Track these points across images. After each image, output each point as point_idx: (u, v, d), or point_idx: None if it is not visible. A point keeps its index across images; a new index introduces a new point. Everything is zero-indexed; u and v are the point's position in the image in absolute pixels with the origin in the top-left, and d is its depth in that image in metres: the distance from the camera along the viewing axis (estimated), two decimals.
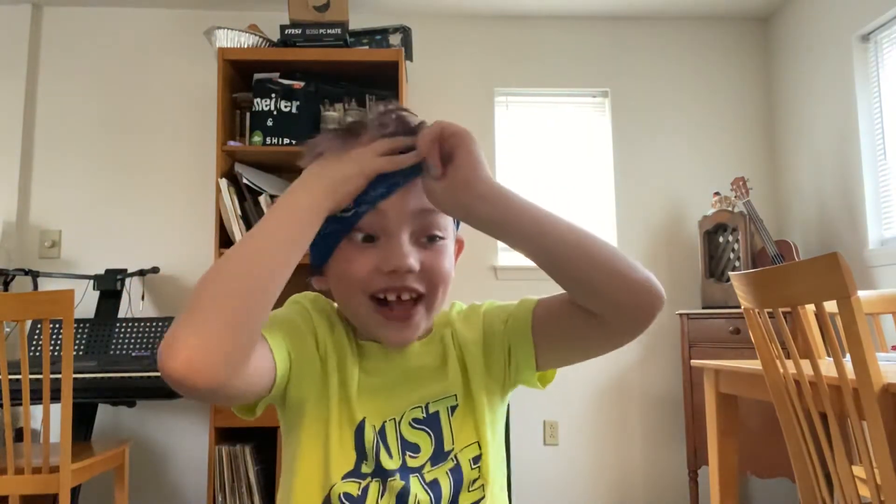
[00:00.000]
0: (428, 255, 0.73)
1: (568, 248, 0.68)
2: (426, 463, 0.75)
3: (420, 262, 0.72)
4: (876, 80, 2.78)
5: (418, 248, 0.73)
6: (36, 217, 3.10)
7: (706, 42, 3.40)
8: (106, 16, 3.23)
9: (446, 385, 0.78)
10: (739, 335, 2.76)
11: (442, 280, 0.74)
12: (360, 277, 0.72)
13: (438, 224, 0.74)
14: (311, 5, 2.87)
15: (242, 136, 2.92)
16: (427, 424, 0.76)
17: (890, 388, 1.22)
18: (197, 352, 0.58)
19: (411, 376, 0.78)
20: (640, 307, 0.72)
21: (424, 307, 0.74)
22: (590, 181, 3.34)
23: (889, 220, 2.71)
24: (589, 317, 0.71)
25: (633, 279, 0.70)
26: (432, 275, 0.73)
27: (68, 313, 1.89)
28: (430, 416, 0.76)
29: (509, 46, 3.34)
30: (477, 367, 0.79)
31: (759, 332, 1.56)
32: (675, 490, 3.12)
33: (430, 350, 0.80)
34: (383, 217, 0.72)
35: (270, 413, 0.82)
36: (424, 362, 0.79)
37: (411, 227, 0.72)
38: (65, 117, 3.16)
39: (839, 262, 1.24)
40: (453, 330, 0.81)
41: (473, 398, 0.77)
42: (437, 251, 0.74)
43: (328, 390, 0.75)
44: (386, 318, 0.73)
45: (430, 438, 0.76)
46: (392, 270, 0.71)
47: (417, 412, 0.76)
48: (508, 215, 0.70)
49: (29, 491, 1.92)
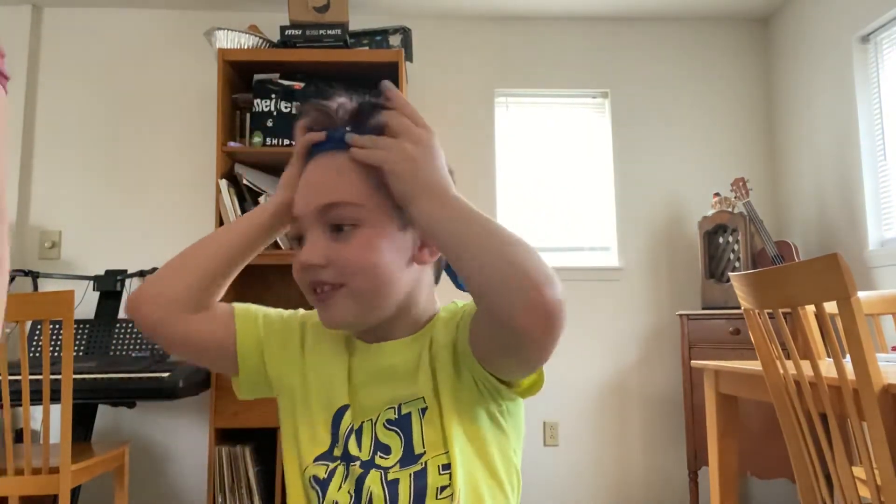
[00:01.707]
0: (336, 247, 0.74)
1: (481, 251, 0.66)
2: (395, 465, 0.75)
3: (327, 255, 0.73)
4: (876, 81, 2.78)
5: (331, 241, 0.74)
6: (36, 217, 3.10)
7: (706, 42, 3.40)
8: (106, 16, 3.23)
9: (416, 388, 0.77)
10: (739, 336, 2.76)
11: (353, 268, 0.73)
12: (295, 277, 0.77)
13: (344, 215, 0.73)
14: (311, 6, 2.87)
15: (242, 136, 2.92)
16: (398, 426, 0.76)
17: (890, 388, 1.22)
18: (143, 291, 0.80)
19: (384, 375, 0.79)
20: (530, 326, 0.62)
21: (350, 293, 0.74)
22: (590, 182, 3.34)
23: (889, 221, 2.71)
24: (487, 325, 0.68)
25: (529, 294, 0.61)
26: (341, 265, 0.73)
27: (68, 314, 1.89)
28: (401, 418, 0.76)
29: (509, 47, 3.34)
30: (445, 372, 0.76)
31: (759, 332, 1.56)
32: (676, 491, 3.12)
33: (407, 349, 0.79)
34: (298, 220, 0.77)
35: (270, 413, 0.84)
36: (396, 361, 0.78)
37: (320, 222, 0.75)
38: (65, 118, 3.16)
39: (839, 262, 1.24)
40: (434, 331, 0.80)
41: (440, 404, 0.75)
42: (345, 240, 0.73)
43: (306, 376, 0.82)
44: (314, 301, 0.77)
45: (400, 440, 0.75)
46: (300, 267, 0.74)
47: (391, 413, 0.77)
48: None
49: (29, 492, 1.92)
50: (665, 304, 3.24)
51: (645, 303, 3.24)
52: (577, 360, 3.16)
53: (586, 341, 3.18)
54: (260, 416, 2.54)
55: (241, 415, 2.55)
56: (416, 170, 0.70)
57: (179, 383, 2.34)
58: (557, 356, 0.89)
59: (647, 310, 3.24)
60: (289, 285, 3.07)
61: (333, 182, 0.74)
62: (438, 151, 0.72)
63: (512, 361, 0.69)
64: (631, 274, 3.25)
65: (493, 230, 0.66)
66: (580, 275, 3.21)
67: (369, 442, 0.76)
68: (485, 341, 0.70)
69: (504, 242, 0.64)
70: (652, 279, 3.26)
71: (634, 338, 3.22)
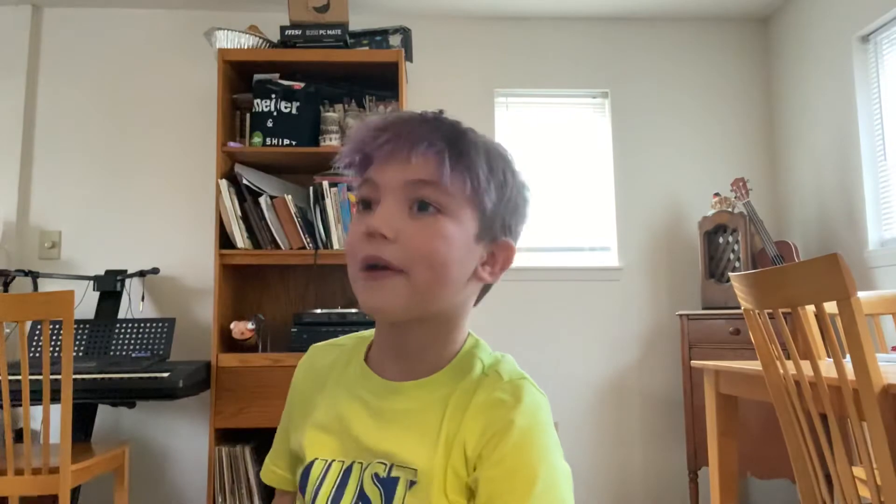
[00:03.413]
0: (412, 225, 0.68)
1: None
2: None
3: (399, 230, 0.68)
4: (876, 81, 2.78)
5: (407, 218, 0.69)
6: (36, 218, 3.10)
7: (706, 42, 3.40)
8: (106, 17, 3.23)
9: (415, 454, 0.69)
10: (739, 336, 2.76)
11: (421, 252, 0.67)
12: (350, 242, 0.71)
13: (433, 196, 0.68)
14: (311, 6, 2.87)
15: (242, 136, 2.92)
16: (383, 485, 0.69)
17: (890, 388, 1.22)
18: None
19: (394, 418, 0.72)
20: None
21: (407, 281, 0.68)
22: (590, 182, 3.34)
23: (889, 221, 2.71)
24: None
25: None
26: (411, 245, 0.67)
27: (68, 314, 1.89)
28: (388, 479, 0.69)
29: (509, 47, 3.34)
30: (452, 470, 0.68)
31: (759, 332, 1.56)
32: (675, 491, 3.12)
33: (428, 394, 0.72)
34: (374, 184, 0.71)
35: (270, 413, 0.84)
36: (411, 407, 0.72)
37: (403, 194, 0.69)
38: (65, 118, 3.16)
39: (839, 262, 1.24)
40: (468, 404, 0.70)
41: (431, 488, 0.67)
42: (422, 222, 0.68)
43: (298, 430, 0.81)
44: (363, 279, 0.69)
45: (381, 501, 0.69)
46: (365, 232, 0.68)
47: (380, 468, 0.70)
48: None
49: (29, 492, 1.92)
50: (665, 304, 3.24)
51: (645, 303, 3.24)
52: (576, 360, 3.16)
53: (586, 341, 3.18)
54: (260, 416, 2.54)
55: (241, 415, 2.55)
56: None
57: (179, 383, 2.34)
58: (557, 356, 0.89)
59: (646, 310, 3.24)
60: (288, 286, 3.09)
61: (434, 162, 0.68)
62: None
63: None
64: (631, 274, 3.25)
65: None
66: (580, 275, 3.20)
67: (354, 488, 0.71)
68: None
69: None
70: (652, 279, 3.26)
71: (634, 338, 3.22)
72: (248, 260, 2.72)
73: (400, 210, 0.68)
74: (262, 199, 2.72)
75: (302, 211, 2.78)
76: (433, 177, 0.68)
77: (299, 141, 2.79)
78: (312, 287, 2.99)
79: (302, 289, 3.02)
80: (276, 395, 2.54)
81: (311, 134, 2.82)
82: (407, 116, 0.72)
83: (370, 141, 0.71)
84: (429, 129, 0.70)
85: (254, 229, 2.72)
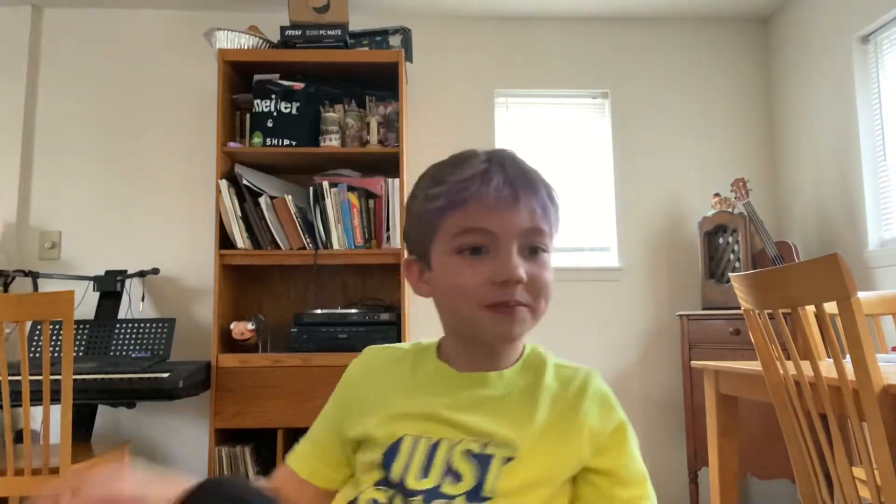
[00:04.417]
0: (532, 267, 0.77)
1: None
2: (461, 496, 0.74)
3: (528, 274, 0.77)
4: (876, 82, 2.78)
5: (526, 262, 0.78)
6: (36, 218, 3.10)
7: (706, 43, 3.40)
8: (106, 17, 3.23)
9: (514, 433, 0.77)
10: (739, 336, 2.76)
11: (545, 290, 0.79)
12: (472, 289, 0.76)
13: (543, 240, 0.80)
14: (311, 6, 2.87)
15: (242, 137, 2.92)
16: (478, 460, 0.76)
17: (890, 388, 1.22)
18: None
19: (483, 404, 0.79)
20: None
21: (531, 313, 0.78)
22: (590, 182, 3.34)
23: (889, 221, 2.71)
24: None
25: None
26: (537, 285, 0.77)
27: (68, 314, 1.89)
28: (483, 455, 0.76)
29: (509, 48, 3.34)
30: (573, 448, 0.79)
31: (759, 333, 1.56)
32: (676, 491, 3.12)
33: (518, 378, 0.82)
34: (492, 235, 0.77)
35: (270, 413, 0.84)
36: (499, 394, 0.80)
37: (518, 241, 0.77)
38: (65, 118, 3.16)
39: (839, 263, 1.24)
40: (570, 394, 0.83)
41: (529, 461, 0.76)
42: (540, 263, 0.79)
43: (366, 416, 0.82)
44: (493, 313, 0.77)
45: (474, 474, 0.75)
46: (504, 281, 0.75)
47: (474, 445, 0.76)
48: None
49: (29, 492, 1.92)
50: (665, 304, 3.24)
51: (645, 303, 3.24)
52: (577, 359, 3.15)
53: (586, 341, 3.18)
54: (260, 416, 2.54)
55: (240, 415, 2.55)
56: None
57: (179, 383, 2.34)
58: (558, 356, 0.90)
59: (646, 310, 3.24)
60: (288, 286, 3.09)
61: (540, 210, 0.79)
62: None
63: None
64: (631, 274, 3.25)
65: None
66: (580, 275, 3.20)
67: (441, 464, 0.76)
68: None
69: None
70: (652, 279, 3.26)
71: (634, 338, 3.22)
72: (248, 260, 2.72)
73: (520, 255, 0.78)
74: (262, 200, 2.72)
75: (302, 211, 2.78)
76: (544, 226, 0.80)
77: (299, 141, 2.79)
78: (312, 287, 2.99)
79: (302, 289, 3.02)
80: (276, 395, 2.54)
81: (311, 134, 2.82)
82: (508, 161, 0.81)
83: (480, 189, 0.77)
84: (530, 178, 0.80)
85: (254, 229, 2.72)
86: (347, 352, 2.58)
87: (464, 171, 0.78)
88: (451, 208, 0.77)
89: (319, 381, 2.54)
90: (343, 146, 2.83)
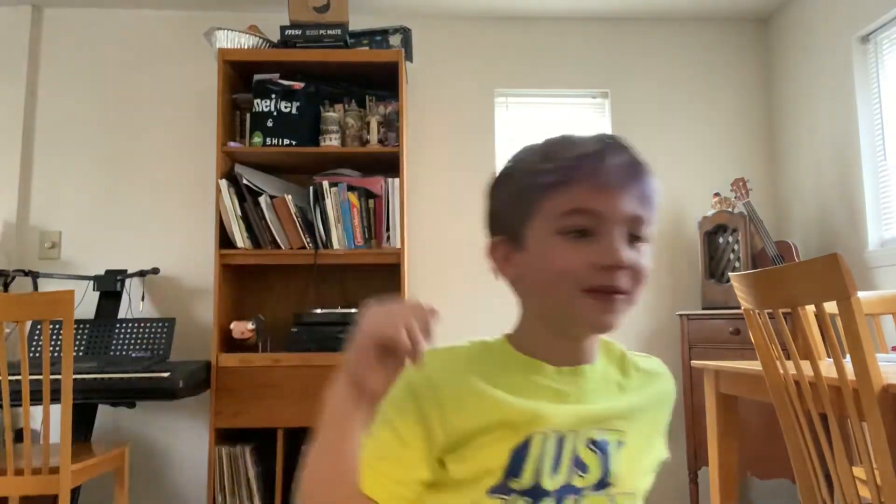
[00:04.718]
0: (634, 256, 0.75)
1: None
2: (589, 487, 0.75)
3: (632, 261, 0.75)
4: (876, 81, 2.78)
5: (629, 249, 0.75)
6: (36, 218, 3.10)
7: (706, 42, 3.40)
8: (106, 17, 3.23)
9: (618, 421, 0.78)
10: (739, 336, 2.76)
11: (644, 279, 0.77)
12: (573, 271, 0.73)
13: (645, 229, 0.77)
14: (311, 6, 2.87)
15: (242, 136, 2.92)
16: (600, 448, 0.76)
17: (890, 388, 1.22)
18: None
19: (582, 395, 0.78)
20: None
21: (628, 301, 0.76)
22: None
23: (889, 221, 2.71)
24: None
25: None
26: (638, 274, 0.75)
27: (68, 314, 1.89)
28: (602, 443, 0.76)
29: (509, 47, 3.34)
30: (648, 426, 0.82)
31: (759, 332, 1.56)
32: (675, 491, 3.12)
33: (605, 370, 0.82)
34: (600, 218, 0.73)
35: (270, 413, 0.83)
36: (597, 387, 0.80)
37: (623, 228, 0.74)
38: (65, 118, 3.16)
39: (839, 262, 1.24)
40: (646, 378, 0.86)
41: (633, 446, 0.78)
42: (641, 252, 0.76)
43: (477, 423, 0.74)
44: (594, 299, 0.73)
45: (600, 463, 0.75)
46: (609, 266, 0.72)
47: (594, 433, 0.76)
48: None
49: (29, 492, 1.92)
50: (665, 304, 3.23)
51: (645, 303, 3.24)
52: None
53: None
54: (260, 415, 2.54)
55: (241, 415, 2.55)
56: None
57: (179, 383, 2.34)
58: None
59: (646, 309, 3.23)
60: (288, 285, 3.09)
61: (647, 198, 0.77)
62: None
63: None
64: None
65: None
66: None
67: (569, 458, 0.75)
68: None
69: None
70: (652, 279, 3.19)
71: (634, 338, 3.22)
72: (248, 260, 2.72)
73: (625, 242, 0.74)
74: (262, 199, 2.72)
75: (302, 211, 2.78)
76: (649, 214, 0.77)
77: (299, 141, 2.79)
78: (312, 287, 2.99)
79: (302, 289, 3.02)
80: (276, 395, 2.54)
81: (311, 134, 2.82)
82: (621, 145, 0.77)
83: (594, 168, 0.74)
84: (641, 166, 0.78)
85: (254, 229, 2.72)
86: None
87: (576, 149, 0.75)
88: (560, 186, 0.73)
89: (320, 381, 2.52)
90: (343, 146, 2.83)
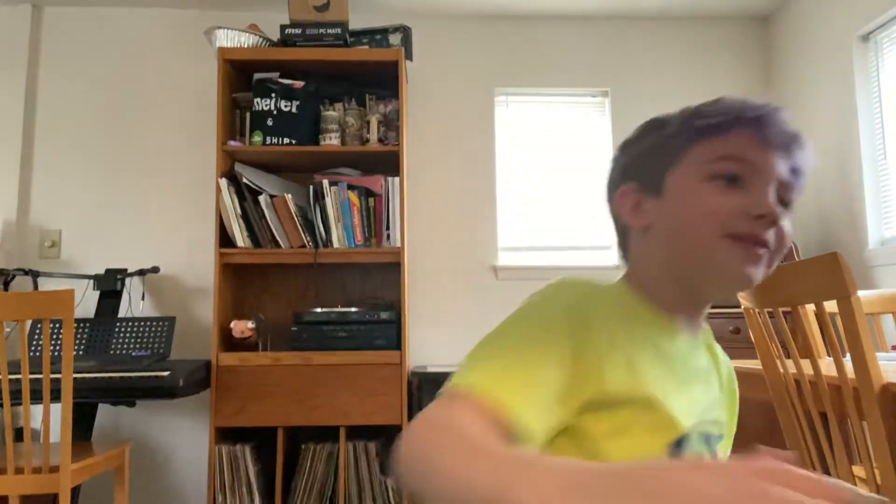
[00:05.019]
0: (783, 213, 0.72)
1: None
2: None
3: (780, 218, 0.71)
4: (876, 80, 2.78)
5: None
6: (36, 217, 3.10)
7: (706, 42, 3.40)
8: (106, 16, 3.23)
9: (721, 410, 0.77)
10: (739, 335, 2.76)
11: (787, 245, 0.73)
12: (720, 215, 0.69)
13: (793, 198, 0.74)
14: (311, 5, 2.87)
15: (242, 135, 2.92)
16: (708, 445, 0.72)
17: (890, 387, 1.22)
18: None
19: (696, 376, 0.74)
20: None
21: (768, 262, 0.72)
22: (590, 181, 3.34)
23: (889, 220, 2.71)
24: None
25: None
26: (782, 235, 0.71)
27: (68, 313, 1.89)
28: (711, 437, 0.73)
29: (509, 46, 3.34)
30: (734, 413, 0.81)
31: (759, 331, 1.56)
32: None
33: (703, 352, 0.79)
34: (755, 168, 0.71)
35: (270, 413, 0.82)
36: (701, 365, 0.77)
37: (774, 187, 0.71)
38: (65, 117, 3.16)
39: (839, 261, 1.24)
40: (724, 364, 0.83)
41: (730, 436, 0.77)
42: (787, 219, 0.72)
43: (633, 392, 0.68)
44: (738, 247, 0.69)
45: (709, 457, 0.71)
46: (760, 215, 0.69)
47: (707, 426, 0.73)
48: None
49: (29, 491, 1.92)
50: None
51: None
52: None
53: None
54: (260, 414, 2.54)
55: (241, 414, 2.55)
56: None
57: (179, 382, 2.34)
58: None
59: None
60: (288, 284, 3.09)
61: (801, 170, 0.74)
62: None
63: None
64: None
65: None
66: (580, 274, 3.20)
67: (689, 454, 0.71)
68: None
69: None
70: None
71: None
72: (248, 259, 2.72)
73: (776, 200, 0.71)
74: (262, 198, 2.72)
75: (302, 210, 2.78)
76: (799, 185, 0.74)
77: (299, 140, 2.79)
78: (312, 286, 2.99)
79: (302, 288, 3.02)
80: (276, 393, 2.54)
81: (311, 133, 2.82)
82: (785, 114, 0.74)
83: (761, 121, 0.71)
84: (804, 140, 0.74)
85: (254, 228, 2.72)
86: (347, 350, 2.59)
87: (745, 103, 0.73)
88: (719, 132, 0.71)
89: (319, 380, 2.54)
90: (343, 145, 2.83)
